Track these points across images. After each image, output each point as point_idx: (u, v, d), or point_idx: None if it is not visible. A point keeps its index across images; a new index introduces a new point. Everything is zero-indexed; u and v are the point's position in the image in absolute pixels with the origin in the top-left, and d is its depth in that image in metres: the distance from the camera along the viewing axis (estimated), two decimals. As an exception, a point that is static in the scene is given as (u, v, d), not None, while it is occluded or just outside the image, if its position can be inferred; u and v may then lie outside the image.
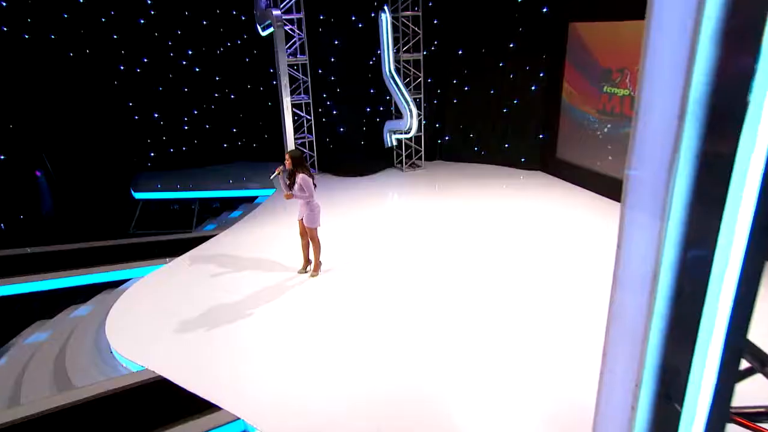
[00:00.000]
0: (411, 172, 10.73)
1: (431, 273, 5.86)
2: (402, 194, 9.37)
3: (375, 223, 7.45)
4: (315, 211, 5.53)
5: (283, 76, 9.85)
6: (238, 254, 6.77)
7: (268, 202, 9.22)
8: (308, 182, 5.40)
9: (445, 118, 11.49)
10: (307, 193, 5.41)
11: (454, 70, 11.03)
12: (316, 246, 5.75)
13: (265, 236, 7.39)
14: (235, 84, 11.76)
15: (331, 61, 11.30)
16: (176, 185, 10.36)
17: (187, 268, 6.43)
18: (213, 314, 5.29)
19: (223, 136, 12.04)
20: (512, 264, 6.08)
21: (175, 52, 11.26)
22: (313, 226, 5.60)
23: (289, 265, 6.30)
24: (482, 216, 7.64)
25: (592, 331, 4.67)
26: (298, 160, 5.43)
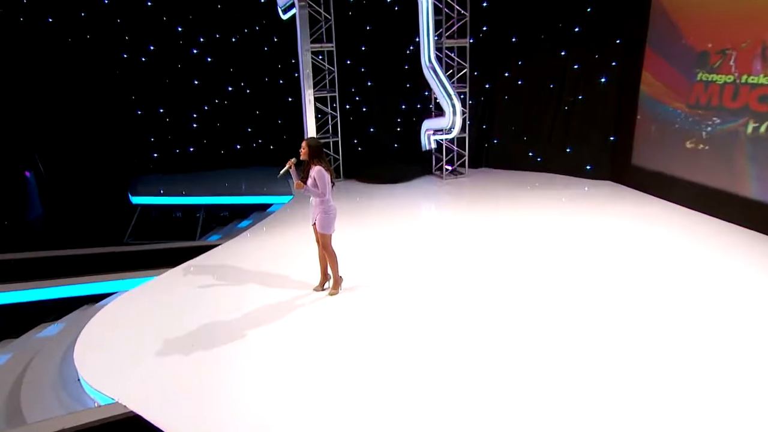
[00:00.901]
0: (452, 181, 10.54)
1: (472, 302, 5.44)
2: (440, 206, 9.16)
3: (408, 238, 7.21)
4: (330, 214, 5.30)
5: (306, 66, 9.84)
6: (242, 267, 6.56)
7: (283, 210, 9.11)
8: (324, 177, 5.17)
9: (494, 118, 11.28)
10: (322, 189, 5.18)
11: (506, 61, 10.85)
12: (331, 257, 5.50)
13: (277, 247, 7.24)
14: (252, 76, 11.75)
15: (361, 49, 11.25)
16: (181, 191, 10.40)
17: (180, 282, 6.21)
18: (205, 338, 4.98)
19: (236, 136, 12.04)
20: (574, 297, 5.51)
21: (185, 40, 11.30)
22: (327, 231, 5.36)
23: (304, 280, 6.04)
24: (536, 235, 7.26)
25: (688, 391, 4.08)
26: (316, 150, 5.21)
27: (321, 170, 5.18)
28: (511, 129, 11.08)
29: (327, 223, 5.36)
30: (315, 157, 5.23)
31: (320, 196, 5.25)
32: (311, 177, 5.23)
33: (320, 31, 10.11)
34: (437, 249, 6.86)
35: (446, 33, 10.11)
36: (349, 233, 7.02)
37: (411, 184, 10.39)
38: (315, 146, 5.24)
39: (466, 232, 7.47)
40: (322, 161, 5.22)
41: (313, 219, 5.45)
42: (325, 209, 5.35)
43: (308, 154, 5.22)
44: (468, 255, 6.62)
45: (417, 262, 6.45)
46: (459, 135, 10.31)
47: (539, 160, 10.88)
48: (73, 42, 10.55)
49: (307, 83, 9.86)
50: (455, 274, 6.12)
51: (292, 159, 5.32)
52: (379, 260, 6.54)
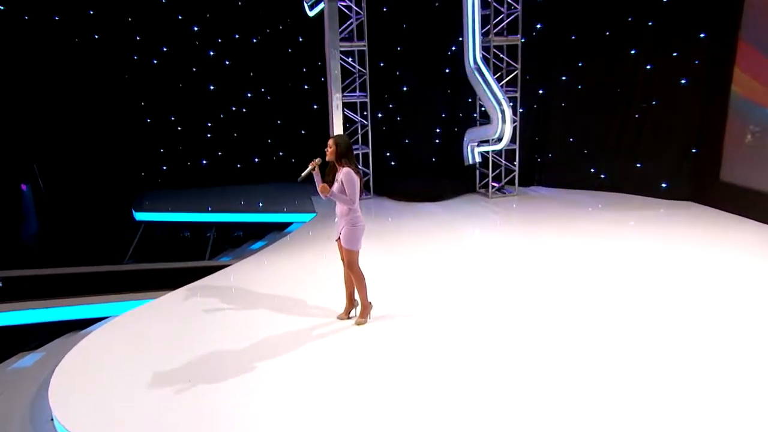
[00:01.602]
0: (499, 200, 10.41)
1: (519, 342, 5.11)
2: (485, 229, 9.06)
3: (447, 264, 7.06)
4: (357, 226, 5.09)
5: (334, 65, 9.68)
6: (254, 290, 6.42)
7: (304, 230, 9.05)
8: (354, 181, 4.98)
9: (548, 128, 11.08)
10: (350, 196, 4.99)
11: (564, 61, 10.66)
12: (358, 279, 5.27)
13: (296, 269, 7.13)
14: (274, 81, 11.81)
15: (397, 50, 11.26)
16: (191, 206, 10.38)
17: (180, 306, 6.05)
18: (206, 372, 4.72)
19: (254, 147, 12.08)
20: (639, 343, 5.04)
21: (201, 40, 11.39)
22: (353, 247, 5.14)
23: (327, 306, 5.83)
24: (598, 267, 6.90)
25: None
26: (345, 149, 5.04)
27: (350, 173, 4.99)
28: (568, 141, 10.85)
29: (353, 238, 5.13)
30: (343, 158, 5.05)
31: (348, 203, 5.05)
32: (338, 180, 5.05)
33: (350, 27, 9.98)
34: (481, 278, 6.65)
35: (494, 30, 9.94)
36: (380, 256, 6.94)
37: (451, 204, 10.26)
38: (344, 145, 5.06)
39: (515, 259, 7.28)
40: (351, 163, 5.05)
41: (338, 233, 5.23)
42: (352, 220, 5.13)
43: (335, 154, 5.04)
44: (517, 287, 6.37)
45: (458, 292, 6.22)
46: (508, 146, 10.09)
47: (603, 178, 10.64)
48: (80, 42, 10.70)
49: (335, 85, 9.69)
50: (502, 308, 5.83)
51: (316, 159, 5.13)
52: (414, 287, 6.40)
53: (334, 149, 5.04)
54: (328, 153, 5.07)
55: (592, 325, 5.34)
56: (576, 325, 5.34)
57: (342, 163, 5.04)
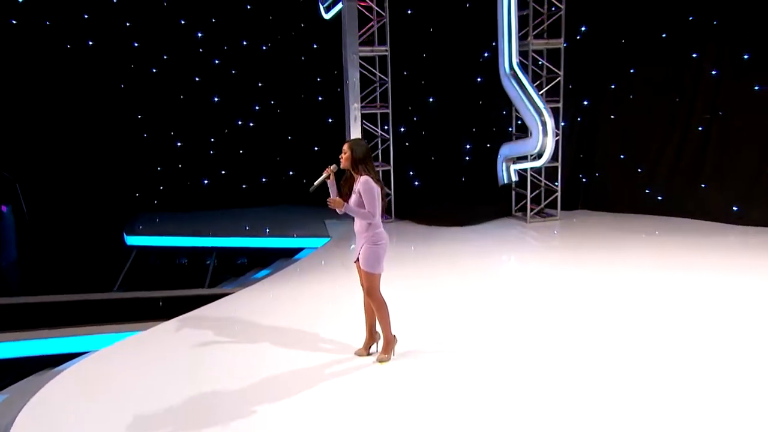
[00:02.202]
0: (538, 225, 10.28)
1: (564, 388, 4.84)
2: (523, 258, 8.99)
3: (480, 296, 6.96)
4: (379, 245, 4.94)
5: (353, 72, 9.65)
6: (257, 321, 6.31)
7: (316, 256, 9.05)
8: (373, 191, 4.85)
9: (595, 144, 10.97)
10: (370, 208, 4.84)
11: (612, 68, 10.58)
12: (380, 308, 5.09)
13: (307, 298, 7.09)
14: (285, 92, 11.86)
15: (422, 56, 11.28)
16: (190, 231, 10.41)
17: (171, 339, 5.95)
18: (199, 415, 4.54)
19: (262, 166, 12.09)
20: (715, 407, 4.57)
21: (205, 47, 11.44)
22: (373, 270, 4.97)
23: (343, 341, 5.68)
24: (656, 304, 6.56)
25: None
26: (362, 155, 4.91)
27: (369, 182, 4.85)
28: (618, 158, 10.67)
29: (374, 259, 4.95)
30: (360, 164, 4.91)
31: (367, 217, 4.88)
32: (355, 192, 4.91)
33: (371, 30, 9.96)
34: (517, 314, 6.43)
35: (534, 32, 9.81)
36: (404, 286, 6.81)
37: (483, 229, 10.17)
38: (361, 150, 4.94)
39: (557, 294, 7.02)
40: (369, 170, 4.91)
41: (357, 253, 5.06)
42: (372, 238, 4.96)
43: (351, 161, 4.92)
44: (558, 326, 6.09)
45: (492, 329, 6.02)
46: (548, 164, 9.91)
47: (660, 200, 10.41)
48: (72, 49, 10.78)
49: (353, 95, 9.64)
50: (541, 349, 5.56)
51: (331, 166, 5.02)
52: (443, 321, 6.25)
53: (349, 155, 4.90)
54: (343, 160, 4.95)
55: (647, 378, 4.91)
56: (628, 378, 4.93)
57: (359, 171, 4.90)
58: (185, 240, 10.23)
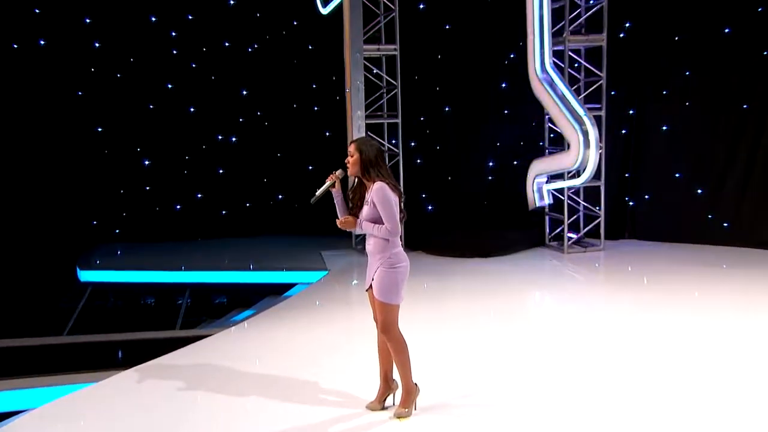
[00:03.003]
0: (578, 257, 10.14)
1: None
2: (559, 296, 8.77)
3: (512, 343, 6.78)
4: (398, 269, 4.81)
5: (356, 74, 9.65)
6: (240, 369, 6.17)
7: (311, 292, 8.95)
8: (389, 198, 4.74)
9: (644, 160, 10.84)
10: (388, 223, 4.74)
11: (665, 70, 10.49)
12: (398, 350, 4.91)
13: (303, 339, 6.99)
14: (274, 101, 11.88)
15: (437, 58, 11.34)
16: (158, 264, 10.36)
17: (130, 391, 5.79)
18: None
19: (246, 188, 12.05)
20: None
21: (180, 49, 11.41)
22: (390, 300, 4.82)
23: (351, 391, 5.53)
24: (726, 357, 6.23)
25: None
26: (373, 155, 4.81)
27: (384, 189, 4.71)
28: (673, 177, 10.54)
29: (391, 286, 4.78)
30: (372, 169, 4.77)
31: (385, 234, 4.73)
32: (368, 202, 4.78)
33: (378, 26, 10.02)
34: (558, 365, 6.22)
35: (570, 26, 9.70)
36: (420, 329, 6.61)
37: (512, 261, 10.08)
38: (371, 151, 4.82)
39: (604, 341, 6.77)
40: (383, 175, 4.78)
41: (370, 279, 4.90)
42: (389, 260, 4.80)
43: (360, 165, 4.79)
44: (608, 380, 5.84)
45: (530, 381, 5.83)
46: (590, 183, 9.76)
47: (725, 227, 10.25)
48: (20, 49, 10.67)
49: (356, 101, 9.64)
50: (589, 408, 5.31)
51: (336, 171, 4.91)
52: (472, 370, 6.10)
53: (357, 158, 4.75)
54: (350, 164, 4.83)
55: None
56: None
57: (371, 176, 4.75)
58: (152, 275, 10.16)
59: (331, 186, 4.80)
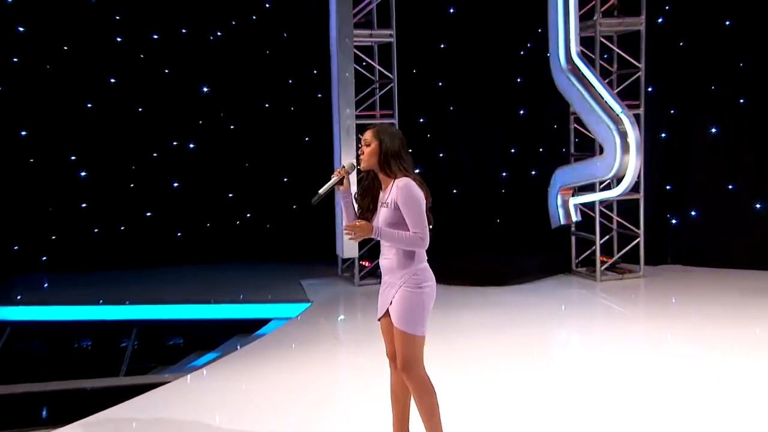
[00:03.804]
0: (613, 285, 10.06)
1: None
2: (590, 335, 8.60)
3: (539, 389, 6.73)
4: (424, 289, 4.68)
5: (344, 63, 9.57)
6: (202, 423, 5.99)
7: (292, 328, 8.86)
8: (417, 198, 4.64)
9: (690, 169, 10.80)
10: (416, 228, 4.62)
11: (713, 62, 10.47)
12: (423, 394, 4.74)
13: (282, 390, 6.84)
14: (241, 100, 11.70)
15: (439, 47, 11.40)
16: (96, 298, 10.05)
17: None
18: None
19: (207, 205, 11.83)
20: None
21: (126, 36, 11.20)
22: (415, 330, 4.67)
23: None
24: None
25: None
26: (396, 145, 4.70)
27: (411, 186, 4.58)
28: (725, 190, 10.50)
29: (416, 310, 4.62)
30: (393, 161, 4.64)
31: (412, 243, 4.58)
32: (386, 203, 4.64)
33: (370, 7, 9.85)
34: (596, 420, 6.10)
35: (601, 8, 9.64)
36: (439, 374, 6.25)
37: (533, 290, 10.06)
38: (393, 139, 4.69)
39: (646, 389, 6.66)
40: (408, 169, 4.67)
41: (385, 304, 4.71)
42: (414, 277, 4.63)
43: (378, 156, 4.66)
44: None
45: None
46: (627, 195, 9.68)
47: None
48: None
49: (344, 97, 9.53)
50: None
51: (345, 165, 4.84)
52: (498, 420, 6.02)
53: (375, 147, 4.60)
54: (365, 155, 4.67)
55: None
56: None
57: (392, 170, 4.60)
58: (88, 311, 9.91)
59: (337, 183, 4.64)
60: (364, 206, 4.75)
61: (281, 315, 9.44)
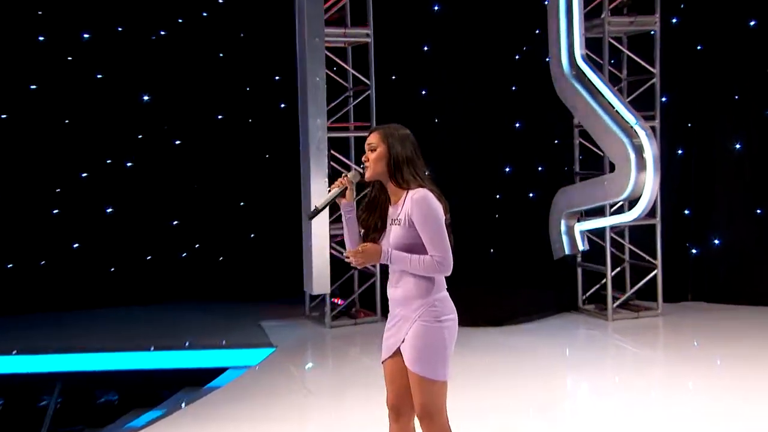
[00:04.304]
0: (626, 325, 9.96)
1: None
2: (603, 385, 8.49)
3: None
4: (445, 325, 4.60)
5: (314, 66, 9.47)
6: None
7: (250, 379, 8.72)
8: (437, 214, 4.56)
9: (711, 191, 10.81)
10: (436, 249, 4.51)
11: (736, 68, 10.46)
12: None
13: None
14: (188, 111, 11.57)
15: (422, 50, 11.56)
16: (12, 348, 9.79)
17: None
18: None
19: (146, 234, 11.69)
20: None
21: (49, 35, 11.06)
22: (437, 374, 4.56)
23: None
24: None
25: None
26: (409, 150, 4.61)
27: (429, 200, 4.48)
28: (752, 215, 10.52)
29: (437, 349, 4.54)
30: (407, 168, 4.53)
31: (433, 268, 4.49)
32: (397, 222, 4.52)
33: (342, 3, 9.78)
34: None
35: (610, 4, 9.57)
36: None
37: (535, 332, 9.98)
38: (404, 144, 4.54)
39: None
40: (423, 178, 4.58)
41: (398, 340, 4.57)
42: (433, 309, 4.51)
43: (387, 162, 4.53)
44: None
45: None
46: (643, 220, 9.55)
47: None
48: None
49: (314, 105, 9.35)
50: None
51: (347, 173, 4.68)
52: None
53: (382, 152, 4.45)
54: (371, 162, 4.46)
55: None
56: None
57: (405, 181, 4.44)
58: (1, 363, 9.69)
59: (339, 195, 4.40)
60: (371, 225, 4.53)
61: (238, 363, 9.30)
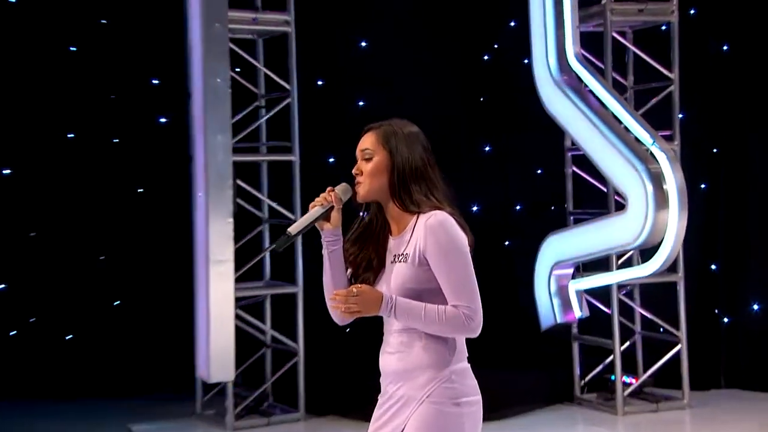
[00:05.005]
0: (641, 420, 10.14)
1: None
2: None
3: None
4: (463, 408, 4.56)
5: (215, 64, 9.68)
6: None
7: None
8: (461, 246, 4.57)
9: (745, 237, 11.17)
10: (462, 299, 4.45)
11: None
12: None
13: None
14: (27, 129, 11.62)
15: (358, 47, 12.02)
16: None
17: None
18: None
19: None
20: None
21: None
22: None
23: None
24: None
25: None
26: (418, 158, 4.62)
27: (448, 225, 4.44)
28: None
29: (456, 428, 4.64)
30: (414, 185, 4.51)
31: (457, 325, 4.40)
32: (403, 257, 4.49)
33: None
34: None
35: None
36: None
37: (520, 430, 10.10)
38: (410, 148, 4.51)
39: None
40: (438, 199, 4.55)
41: (397, 428, 4.37)
42: (449, 385, 4.39)
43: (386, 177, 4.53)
44: None
45: None
46: (662, 276, 9.83)
47: None
48: None
49: (214, 114, 9.48)
50: None
51: (336, 188, 4.64)
52: None
53: (381, 162, 4.47)
54: (363, 177, 4.43)
55: None
56: None
57: (413, 202, 4.38)
58: None
59: (322, 216, 4.32)
60: (362, 262, 4.40)
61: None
